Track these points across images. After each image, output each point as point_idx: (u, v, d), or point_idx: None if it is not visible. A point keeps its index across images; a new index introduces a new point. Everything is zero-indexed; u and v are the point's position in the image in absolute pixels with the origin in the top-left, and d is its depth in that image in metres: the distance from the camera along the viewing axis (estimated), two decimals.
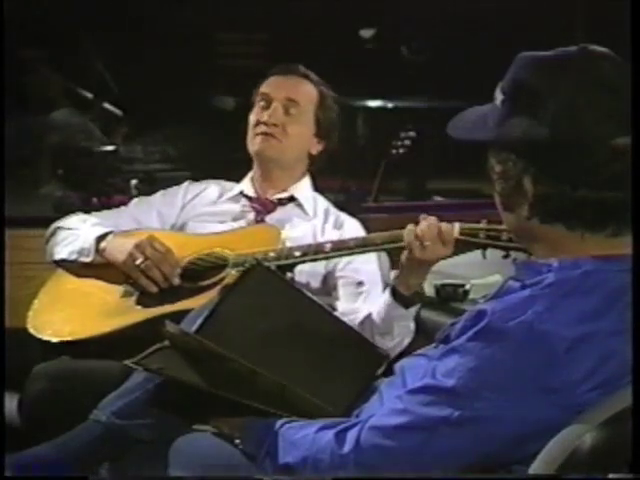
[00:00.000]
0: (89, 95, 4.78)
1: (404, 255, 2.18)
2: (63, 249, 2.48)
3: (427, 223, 2.14)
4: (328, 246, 2.30)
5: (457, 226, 2.15)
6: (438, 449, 1.41)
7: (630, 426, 1.33)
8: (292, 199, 2.59)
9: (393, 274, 2.33)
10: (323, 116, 2.56)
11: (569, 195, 1.40)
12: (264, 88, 2.56)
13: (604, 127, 1.38)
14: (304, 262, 2.31)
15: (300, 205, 2.59)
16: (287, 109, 2.52)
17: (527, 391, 1.37)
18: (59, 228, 2.54)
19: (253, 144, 2.55)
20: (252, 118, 2.55)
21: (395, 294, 2.24)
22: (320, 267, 2.45)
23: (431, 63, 5.71)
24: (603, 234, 1.43)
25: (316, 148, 2.58)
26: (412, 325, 2.32)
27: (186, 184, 2.68)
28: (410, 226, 2.16)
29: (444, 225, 2.14)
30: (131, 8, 5.20)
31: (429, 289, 2.61)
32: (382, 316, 2.27)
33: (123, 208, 2.65)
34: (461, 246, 2.18)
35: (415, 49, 5.86)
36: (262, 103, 2.54)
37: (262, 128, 2.51)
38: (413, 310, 2.28)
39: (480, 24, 5.30)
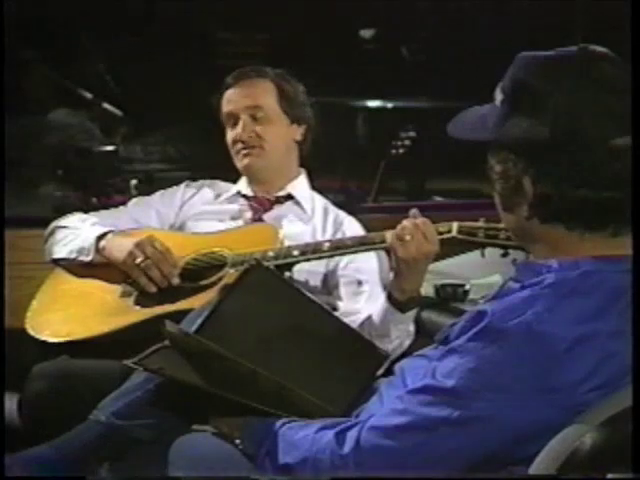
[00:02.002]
0: (89, 95, 4.78)
1: (392, 259, 2.17)
2: (62, 248, 2.48)
3: (406, 220, 2.13)
4: (326, 245, 2.30)
5: (455, 225, 2.14)
6: (438, 449, 1.41)
7: (630, 426, 1.33)
8: (289, 197, 2.60)
9: (391, 275, 2.32)
10: (288, 103, 2.57)
11: (569, 195, 1.40)
12: (226, 107, 2.58)
13: (604, 127, 1.38)
14: (302, 261, 2.31)
15: (298, 203, 2.59)
16: (253, 116, 2.54)
17: (527, 391, 1.37)
18: (58, 227, 2.54)
19: (238, 163, 2.58)
20: (228, 139, 2.59)
21: (391, 298, 2.23)
22: (320, 266, 2.45)
23: (431, 63, 5.70)
24: (603, 234, 1.43)
25: (298, 133, 2.59)
26: (412, 328, 2.30)
27: (184, 184, 2.69)
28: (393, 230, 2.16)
29: (422, 218, 2.13)
30: (131, 8, 5.20)
31: (429, 289, 2.61)
32: (379, 319, 2.25)
33: (122, 208, 2.66)
34: (459, 245, 2.17)
35: (415, 49, 5.86)
36: (231, 121, 2.57)
37: (239, 145, 2.55)
38: (411, 313, 2.26)
39: (480, 24, 5.30)
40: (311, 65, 2.65)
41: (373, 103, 5.58)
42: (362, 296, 2.41)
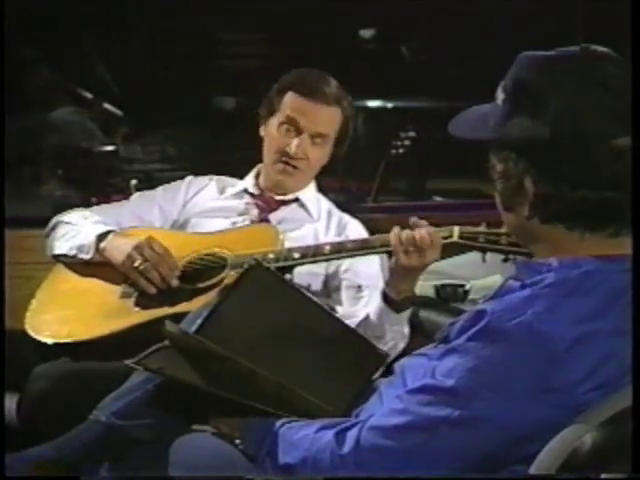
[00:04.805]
0: (89, 95, 4.78)
1: (392, 261, 2.18)
2: (63, 244, 2.48)
3: (414, 232, 2.13)
4: (327, 248, 2.30)
5: (456, 230, 2.15)
6: (438, 449, 1.41)
7: (630, 426, 1.33)
8: (296, 199, 2.59)
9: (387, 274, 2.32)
10: (342, 136, 2.55)
11: (569, 195, 1.40)
12: (293, 112, 2.48)
13: (605, 127, 1.39)
14: (303, 264, 2.31)
15: (304, 206, 2.59)
16: (314, 140, 2.49)
17: (527, 391, 1.37)
18: (60, 222, 2.54)
19: (274, 171, 2.53)
20: (275, 137, 2.51)
21: (386, 298, 2.23)
22: (321, 268, 2.44)
23: (431, 63, 5.70)
24: (603, 234, 1.43)
25: (326, 160, 2.58)
26: (406, 330, 2.31)
27: (188, 179, 2.68)
28: (396, 229, 2.16)
29: (429, 229, 2.13)
30: (131, 8, 5.19)
31: (429, 289, 2.61)
32: (375, 319, 2.26)
33: (124, 203, 2.65)
34: (460, 249, 2.18)
35: (415, 49, 5.85)
36: (289, 127, 2.49)
37: (284, 158, 2.50)
38: (406, 314, 2.27)
39: (480, 24, 5.30)
40: (311, 65, 2.63)
41: (373, 103, 5.58)
42: (361, 301, 2.41)
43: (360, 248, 2.28)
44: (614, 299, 1.40)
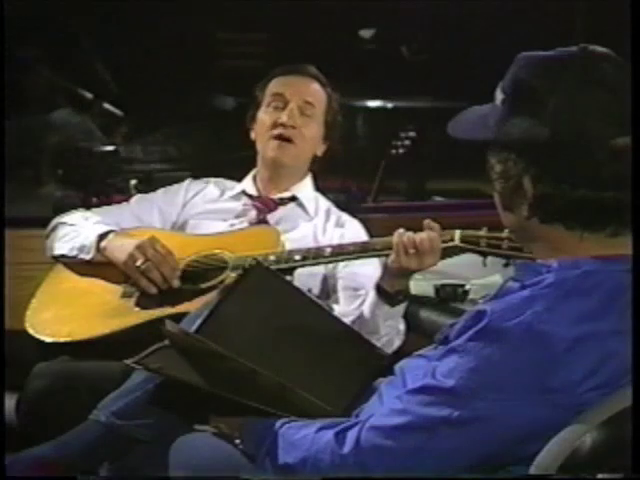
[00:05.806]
0: (89, 95, 4.78)
1: (390, 258, 2.18)
2: (64, 245, 2.48)
3: (417, 235, 2.14)
4: (328, 250, 2.31)
5: (458, 233, 2.15)
6: (438, 449, 1.41)
7: (630, 426, 1.33)
8: (294, 198, 2.60)
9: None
10: (330, 118, 2.58)
11: (569, 195, 1.40)
12: (277, 88, 2.54)
13: (604, 127, 1.39)
14: (304, 266, 2.31)
15: (301, 205, 2.59)
16: (303, 111, 2.52)
17: (527, 391, 1.37)
18: (60, 223, 2.54)
19: (269, 148, 2.54)
20: (265, 118, 2.54)
21: (379, 290, 2.23)
22: (319, 268, 2.44)
23: (431, 63, 5.70)
24: (603, 234, 1.43)
25: (321, 149, 2.59)
26: (401, 326, 2.31)
27: (187, 182, 2.68)
28: (400, 230, 2.17)
29: (431, 233, 2.13)
30: (131, 8, 5.19)
31: (429, 289, 2.61)
32: (368, 314, 2.26)
33: (124, 205, 2.65)
34: (461, 252, 2.18)
35: (415, 49, 5.85)
36: (277, 104, 2.53)
37: (280, 130, 2.51)
38: (399, 309, 2.27)
39: (480, 24, 5.30)
40: (311, 65, 2.65)
41: (373, 103, 5.58)
42: (358, 299, 2.41)
43: (361, 251, 2.29)
44: (614, 299, 1.40)
